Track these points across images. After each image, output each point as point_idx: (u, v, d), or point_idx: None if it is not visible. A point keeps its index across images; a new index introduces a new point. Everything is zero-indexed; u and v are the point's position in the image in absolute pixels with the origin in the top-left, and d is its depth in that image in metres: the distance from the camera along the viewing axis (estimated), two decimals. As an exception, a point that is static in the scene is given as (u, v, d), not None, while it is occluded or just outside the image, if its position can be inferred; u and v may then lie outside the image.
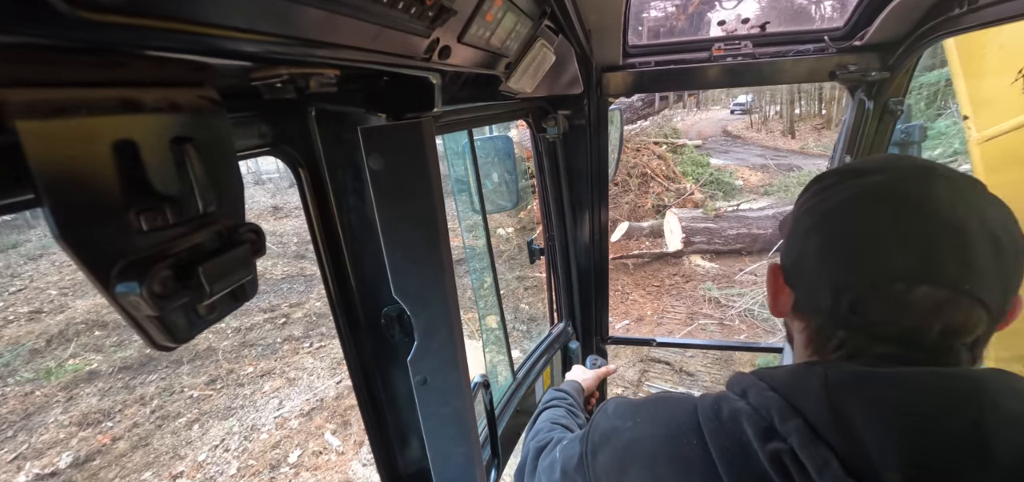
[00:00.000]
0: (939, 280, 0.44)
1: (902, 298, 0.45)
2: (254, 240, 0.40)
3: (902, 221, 0.46)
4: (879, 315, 0.47)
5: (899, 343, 0.47)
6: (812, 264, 0.53)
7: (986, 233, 0.44)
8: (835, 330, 0.51)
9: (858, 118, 1.48)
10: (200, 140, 0.34)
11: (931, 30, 1.18)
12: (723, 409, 0.50)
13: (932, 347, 0.45)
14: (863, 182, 0.50)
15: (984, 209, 0.45)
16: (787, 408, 0.44)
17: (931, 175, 0.47)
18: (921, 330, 0.45)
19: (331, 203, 0.73)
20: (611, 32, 1.33)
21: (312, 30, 0.39)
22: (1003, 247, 0.44)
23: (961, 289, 0.43)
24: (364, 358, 0.85)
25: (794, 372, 0.48)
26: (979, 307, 0.44)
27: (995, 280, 0.44)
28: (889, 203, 0.47)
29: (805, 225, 0.54)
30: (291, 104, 0.63)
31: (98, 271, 0.28)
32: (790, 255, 0.56)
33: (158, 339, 0.32)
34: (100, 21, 0.24)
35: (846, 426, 0.41)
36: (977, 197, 0.46)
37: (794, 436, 0.42)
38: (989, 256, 0.43)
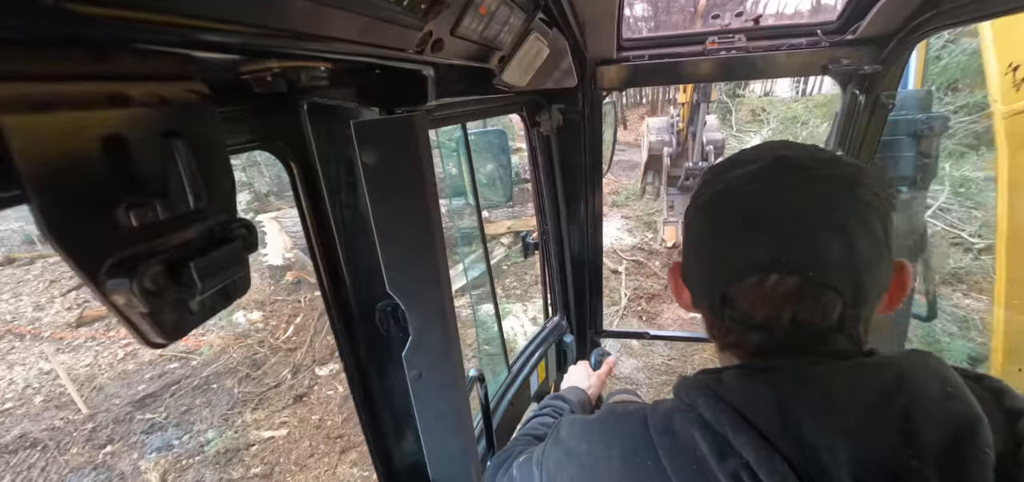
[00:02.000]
0: (787, 268, 0.46)
1: (757, 289, 0.48)
2: (246, 236, 0.40)
3: (754, 215, 0.48)
4: (744, 307, 0.50)
5: (760, 331, 0.49)
6: (693, 263, 0.56)
7: (832, 220, 0.45)
8: (720, 323, 0.54)
9: (850, 112, 1.49)
10: (190, 135, 0.34)
11: (924, 23, 1.19)
12: (675, 424, 0.49)
13: (788, 334, 0.48)
14: (726, 178, 0.52)
15: (834, 197, 0.46)
16: (739, 421, 0.44)
17: (784, 166, 0.49)
18: (775, 318, 0.48)
19: (324, 198, 0.73)
20: (605, 25, 1.33)
21: (302, 22, 0.38)
22: (850, 232, 0.45)
23: (807, 276, 0.45)
24: (359, 353, 0.85)
25: (740, 378, 0.48)
26: (830, 292, 0.46)
27: (842, 264, 0.45)
28: (744, 198, 0.49)
29: (686, 225, 0.57)
30: (282, 98, 0.62)
31: (87, 268, 0.28)
32: (685, 255, 0.59)
33: (150, 335, 0.32)
34: (86, 14, 0.23)
35: (797, 434, 0.41)
36: (828, 184, 0.46)
37: (750, 451, 0.42)
38: (833, 240, 0.44)
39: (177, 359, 5.75)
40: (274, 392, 5.21)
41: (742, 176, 0.50)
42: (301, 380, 5.32)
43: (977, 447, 0.38)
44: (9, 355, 6.11)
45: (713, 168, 0.57)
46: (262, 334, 6.14)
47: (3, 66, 0.23)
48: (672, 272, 0.63)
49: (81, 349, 6.14)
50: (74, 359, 5.94)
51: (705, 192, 0.55)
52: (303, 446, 4.50)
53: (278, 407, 5.00)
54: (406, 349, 0.77)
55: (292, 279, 6.97)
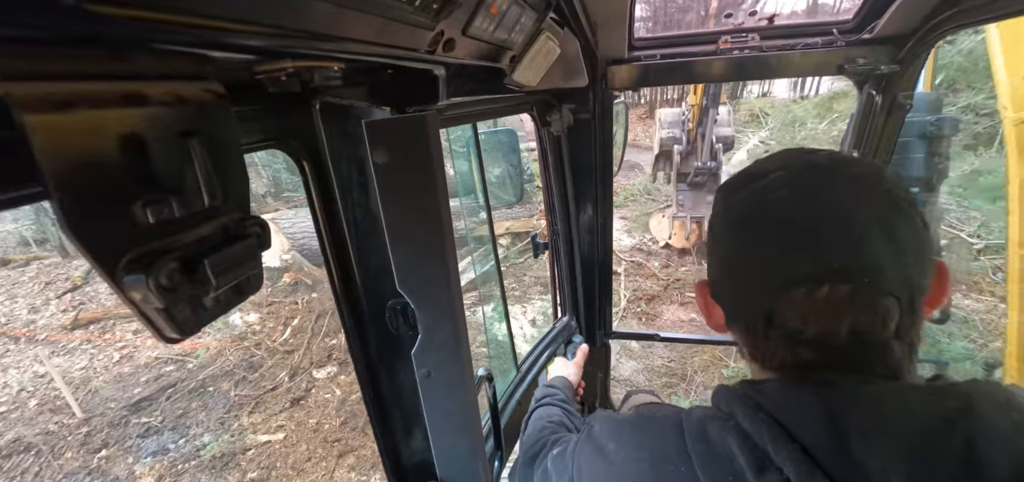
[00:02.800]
0: (836, 277, 0.43)
1: (807, 302, 0.45)
2: (259, 233, 0.40)
3: (791, 222, 0.46)
4: (794, 323, 0.46)
5: (812, 346, 0.46)
6: (728, 280, 0.54)
7: (874, 218, 0.43)
8: (763, 343, 0.50)
9: (866, 112, 1.46)
10: (206, 133, 0.35)
11: (942, 22, 1.17)
12: (711, 432, 0.47)
13: (848, 348, 0.45)
14: (756, 187, 0.49)
15: (871, 198, 0.44)
16: (781, 434, 0.42)
17: (810, 169, 0.47)
18: (830, 333, 0.45)
19: (336, 197, 0.73)
20: (617, 25, 1.32)
21: (316, 23, 0.39)
22: (894, 229, 0.43)
23: (860, 283, 0.43)
24: (369, 352, 0.85)
25: (785, 391, 0.45)
26: (886, 297, 0.43)
27: (893, 265, 0.43)
28: (777, 206, 0.47)
29: (715, 240, 0.55)
30: (296, 98, 0.63)
31: (105, 263, 0.28)
32: (712, 271, 0.57)
33: (165, 331, 0.32)
34: (106, 14, 0.24)
35: (846, 455, 0.39)
36: (859, 183, 0.45)
37: (791, 467, 0.40)
38: (880, 241, 0.42)
39: (173, 362, 5.64)
40: (271, 395, 5.11)
41: (768, 185, 0.48)
42: (298, 383, 5.23)
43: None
44: (3, 358, 5.99)
45: (731, 182, 0.54)
46: (259, 336, 6.02)
47: (26, 65, 0.24)
48: (700, 290, 0.60)
49: (76, 352, 6.03)
50: (69, 362, 5.84)
51: (731, 205, 0.52)
52: (300, 450, 4.44)
53: (275, 410, 4.91)
54: (415, 347, 0.78)
55: (289, 281, 6.87)
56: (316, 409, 4.89)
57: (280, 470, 4.28)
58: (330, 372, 5.38)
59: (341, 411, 4.79)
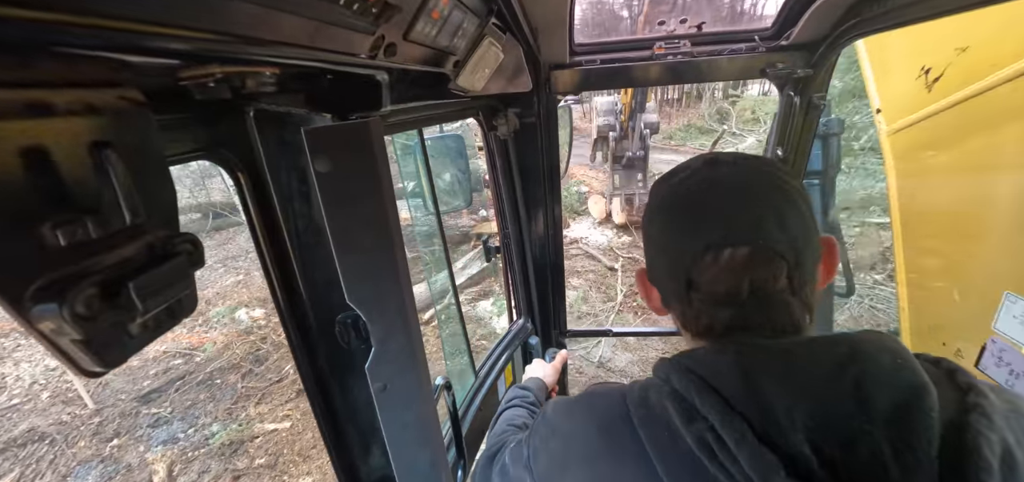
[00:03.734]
0: (736, 241, 0.53)
1: (714, 263, 0.54)
2: (191, 251, 0.37)
3: (705, 204, 0.56)
4: (707, 284, 0.55)
5: (727, 305, 0.55)
6: (658, 261, 0.62)
7: (765, 201, 0.53)
8: (690, 310, 0.58)
9: (786, 113, 1.59)
10: (123, 145, 0.32)
11: (849, 29, 1.29)
12: (651, 396, 0.54)
13: (752, 300, 0.53)
14: (672, 183, 0.60)
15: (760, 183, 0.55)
16: (705, 388, 0.48)
17: (717, 165, 0.58)
18: (736, 288, 0.53)
19: (275, 209, 0.70)
20: (557, 30, 1.35)
21: (243, 26, 0.37)
22: (781, 211, 0.53)
23: (756, 243, 0.52)
24: (318, 369, 0.82)
25: (710, 351, 0.52)
26: (775, 257, 0.52)
27: (781, 236, 0.52)
28: (691, 193, 0.57)
29: (647, 229, 0.64)
30: (227, 105, 0.59)
31: (9, 293, 0.25)
32: (647, 258, 0.65)
33: (85, 365, 0.29)
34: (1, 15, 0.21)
35: (757, 398, 0.45)
36: (755, 174, 0.56)
37: (713, 413, 0.46)
38: (770, 218, 0.52)
39: (181, 356, 5.83)
40: (277, 387, 5.23)
41: (685, 178, 0.59)
42: None
43: (922, 411, 0.42)
44: (15, 352, 6.12)
45: (660, 180, 0.65)
46: (264, 330, 6.23)
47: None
48: (640, 277, 0.68)
49: (86, 347, 6.15)
50: (79, 356, 5.92)
51: (657, 197, 0.62)
52: (306, 438, 4.59)
53: (281, 401, 5.03)
54: (369, 361, 0.75)
55: None
56: None
57: (287, 456, 4.42)
58: None
59: None
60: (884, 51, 2.04)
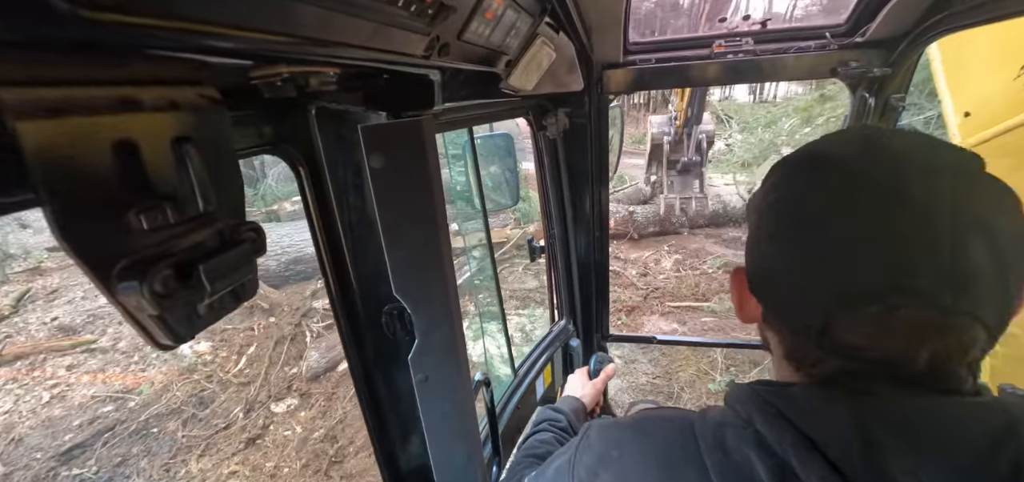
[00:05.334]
0: (920, 299, 0.36)
1: (878, 321, 0.38)
2: (254, 239, 0.40)
3: (869, 221, 0.37)
4: (855, 340, 0.40)
5: (882, 367, 0.40)
6: (774, 276, 0.46)
7: (972, 224, 0.35)
8: (810, 349, 0.44)
9: (859, 115, 1.48)
10: (200, 139, 0.34)
11: (934, 25, 1.18)
12: (728, 438, 0.43)
13: (922, 375, 0.38)
14: (814, 175, 0.43)
15: (967, 194, 0.36)
16: (806, 446, 0.37)
17: (897, 157, 0.38)
18: (906, 358, 0.38)
19: (331, 202, 0.73)
20: (612, 29, 1.33)
21: (311, 28, 0.39)
22: (996, 241, 0.35)
23: (948, 308, 0.36)
24: (365, 356, 0.85)
25: (811, 397, 0.41)
26: (975, 325, 0.36)
27: (992, 286, 0.35)
28: (852, 198, 0.39)
29: (764, 226, 0.46)
30: (291, 102, 0.63)
31: (99, 271, 0.28)
32: (752, 262, 0.49)
33: (159, 338, 0.32)
34: (99, 19, 0.24)
35: (878, 471, 0.34)
36: (964, 181, 0.37)
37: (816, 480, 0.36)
38: (979, 251, 0.35)
39: (112, 401, 4.89)
40: (223, 435, 4.48)
41: (840, 173, 0.40)
42: (255, 419, 4.63)
43: None
44: None
45: (791, 162, 0.46)
46: (210, 367, 5.34)
47: (17, 71, 0.24)
48: (736, 277, 0.53)
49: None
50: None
51: (786, 191, 0.45)
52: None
53: (228, 453, 4.28)
54: (412, 352, 0.77)
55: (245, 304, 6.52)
56: (274, 450, 4.32)
57: (233, 528, 3.53)
58: (290, 405, 4.80)
59: (302, 451, 4.22)
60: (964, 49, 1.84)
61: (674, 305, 5.99)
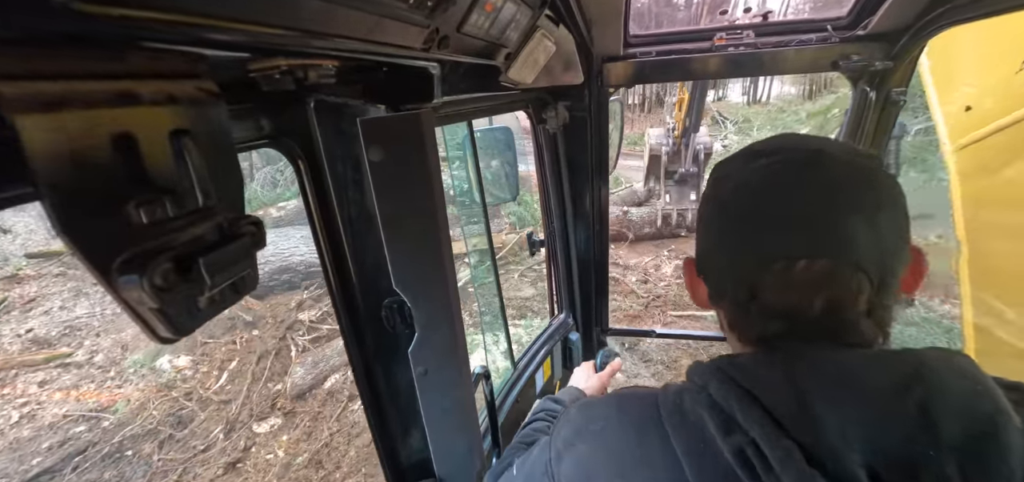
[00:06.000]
0: (815, 252, 0.46)
1: (784, 275, 0.47)
2: (254, 232, 0.40)
3: (781, 202, 0.48)
4: (770, 296, 0.49)
5: (785, 318, 0.48)
6: (713, 254, 0.56)
7: (858, 207, 0.46)
8: (746, 316, 0.52)
9: (859, 110, 1.47)
10: (198, 132, 0.34)
11: (936, 19, 1.17)
12: (685, 402, 0.49)
13: (818, 322, 0.47)
14: (751, 167, 0.52)
15: (860, 187, 0.47)
16: (748, 399, 0.44)
17: (804, 157, 0.49)
18: (804, 306, 0.47)
19: (331, 195, 0.73)
20: (612, 22, 1.32)
21: (309, 20, 0.39)
22: (875, 220, 0.46)
23: (839, 257, 0.46)
24: (365, 350, 0.85)
25: (754, 360, 0.47)
26: (859, 274, 0.46)
27: (870, 249, 0.45)
28: (771, 186, 0.49)
29: (705, 215, 0.56)
30: (290, 96, 0.63)
31: (99, 264, 0.28)
32: (698, 246, 0.59)
33: (160, 331, 0.32)
34: (95, 13, 0.24)
35: (808, 414, 0.41)
36: (855, 176, 0.47)
37: (756, 428, 0.42)
38: (859, 225, 0.45)
39: (85, 420, 4.59)
40: (202, 458, 4.19)
41: (763, 168, 0.50)
42: (235, 440, 4.34)
43: (1002, 443, 0.37)
44: None
45: (728, 162, 0.56)
46: (190, 384, 5.04)
47: (16, 65, 0.24)
48: (687, 266, 0.62)
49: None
50: (-47, 428, 4.60)
51: (724, 185, 0.54)
52: None
53: (205, 479, 4.03)
54: (412, 345, 0.78)
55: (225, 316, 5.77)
56: (256, 474, 4.07)
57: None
58: (273, 425, 4.51)
59: (285, 477, 4.00)
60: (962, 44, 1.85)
61: (677, 314, 5.85)
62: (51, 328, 5.90)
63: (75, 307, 6.32)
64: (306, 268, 6.45)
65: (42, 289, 6.67)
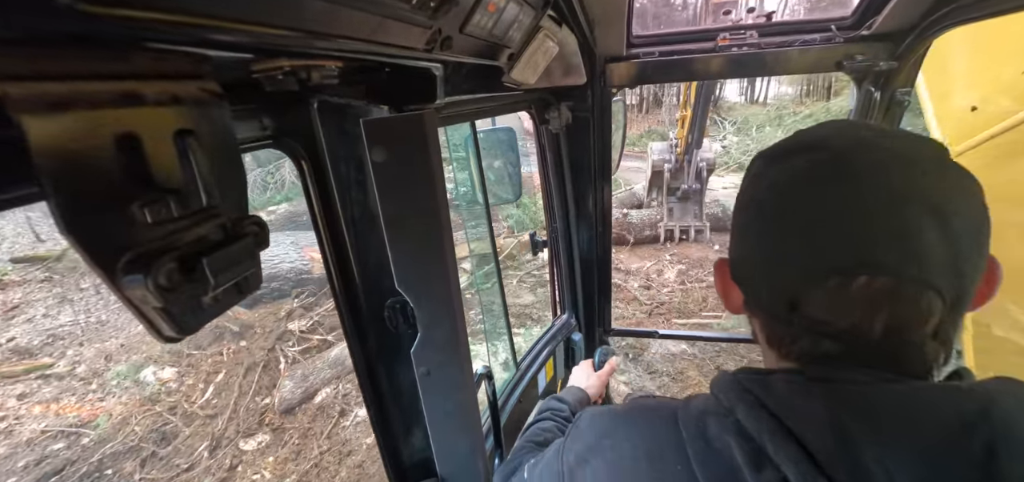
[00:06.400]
0: (877, 268, 0.39)
1: (840, 293, 0.41)
2: (257, 232, 0.40)
3: (833, 205, 0.41)
4: (820, 314, 0.43)
5: (840, 340, 0.43)
6: (751, 261, 0.50)
7: (929, 209, 0.38)
8: (786, 330, 0.47)
9: (864, 109, 1.47)
10: (202, 133, 0.35)
11: (941, 18, 1.17)
12: (710, 428, 0.45)
13: (878, 346, 0.41)
14: (793, 163, 0.45)
15: (928, 182, 0.40)
16: (782, 433, 0.39)
17: (865, 148, 0.42)
18: (862, 328, 0.41)
19: (334, 195, 0.73)
20: (615, 22, 1.32)
21: (313, 21, 0.39)
22: (949, 223, 0.38)
23: (904, 276, 0.39)
24: (368, 350, 0.86)
25: (790, 387, 0.42)
26: (930, 293, 0.39)
27: (943, 260, 0.39)
28: (819, 185, 0.42)
29: (741, 217, 0.50)
30: (293, 96, 0.63)
31: (104, 264, 0.28)
32: (734, 249, 0.53)
33: (164, 330, 0.32)
34: (100, 14, 0.24)
35: (851, 456, 0.36)
36: (920, 169, 0.40)
37: (790, 467, 0.37)
38: (934, 234, 0.38)
39: (65, 436, 4.37)
40: (185, 478, 4.01)
41: (807, 162, 0.44)
42: (221, 459, 4.13)
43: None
44: None
45: (767, 154, 0.50)
46: (174, 397, 4.84)
47: (21, 66, 0.24)
48: (719, 268, 0.56)
49: (-61, 429, 4.60)
50: (-73, 444, 4.40)
51: (762, 181, 0.48)
52: None
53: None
54: (415, 346, 0.78)
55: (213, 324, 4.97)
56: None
57: None
58: (261, 443, 4.29)
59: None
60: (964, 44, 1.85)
61: (682, 323, 5.71)
62: (33, 337, 5.75)
63: (59, 315, 6.16)
64: (297, 275, 6.23)
65: (27, 295, 6.54)
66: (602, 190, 1.83)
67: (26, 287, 6.73)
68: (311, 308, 6.05)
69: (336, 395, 4.70)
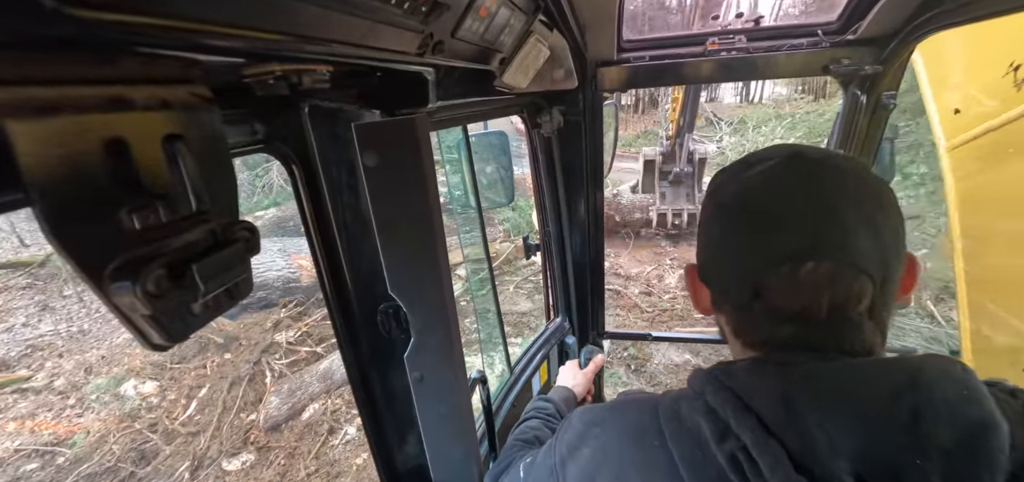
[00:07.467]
0: (821, 254, 0.47)
1: (791, 277, 0.48)
2: (248, 238, 0.40)
3: (783, 204, 0.50)
4: (777, 298, 0.50)
5: (795, 322, 0.50)
6: (716, 259, 0.57)
7: (857, 209, 0.47)
8: (749, 318, 0.54)
9: (850, 113, 1.49)
10: (192, 138, 0.34)
11: (924, 23, 1.19)
12: (682, 409, 0.51)
13: (826, 322, 0.48)
14: (750, 174, 0.53)
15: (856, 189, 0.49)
16: (741, 407, 0.46)
17: (803, 162, 0.51)
18: (811, 309, 0.49)
19: (326, 200, 0.73)
20: (605, 26, 1.33)
21: (304, 26, 0.39)
22: (874, 221, 0.47)
23: (842, 260, 0.47)
24: (361, 356, 0.85)
25: (749, 370, 0.49)
26: (862, 276, 0.47)
27: (872, 251, 0.47)
28: (773, 189, 0.51)
29: (707, 223, 0.58)
30: (284, 101, 0.63)
31: (91, 271, 0.28)
32: (700, 253, 0.60)
33: (153, 338, 0.32)
34: (88, 18, 0.24)
35: (798, 423, 0.42)
36: (849, 178, 0.49)
37: (748, 435, 0.43)
38: (862, 229, 0.47)
39: (39, 455, 4.16)
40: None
41: (764, 172, 0.52)
42: (203, 480, 4.01)
43: (987, 449, 0.38)
44: None
45: (728, 170, 0.58)
46: (155, 413, 4.64)
47: (6, 70, 0.23)
48: (689, 272, 0.63)
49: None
50: None
51: (725, 190, 0.56)
52: None
53: None
54: (408, 351, 0.77)
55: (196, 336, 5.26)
56: None
57: None
58: (245, 462, 4.11)
59: None
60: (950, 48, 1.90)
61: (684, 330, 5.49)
62: (12, 347, 5.50)
63: (40, 323, 5.94)
64: (284, 284, 6.05)
65: (7, 303, 6.29)
66: (594, 194, 1.84)
67: (7, 294, 6.51)
68: (299, 318, 5.90)
69: (325, 411, 4.55)
